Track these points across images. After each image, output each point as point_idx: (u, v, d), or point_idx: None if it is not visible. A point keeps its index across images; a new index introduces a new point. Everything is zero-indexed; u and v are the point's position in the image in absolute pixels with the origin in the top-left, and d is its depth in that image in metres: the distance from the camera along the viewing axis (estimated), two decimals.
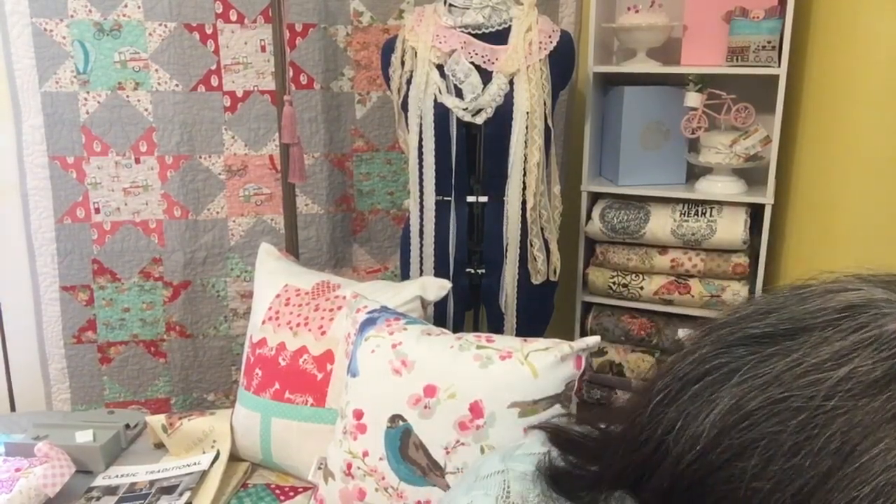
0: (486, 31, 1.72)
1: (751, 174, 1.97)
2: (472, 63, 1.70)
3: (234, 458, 1.65)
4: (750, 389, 0.39)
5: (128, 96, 2.07)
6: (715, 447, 0.39)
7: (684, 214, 1.94)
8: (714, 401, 0.40)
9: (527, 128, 1.69)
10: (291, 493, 1.56)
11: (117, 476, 1.62)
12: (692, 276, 1.97)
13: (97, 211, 2.12)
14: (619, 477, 0.44)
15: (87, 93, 2.05)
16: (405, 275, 1.90)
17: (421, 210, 1.80)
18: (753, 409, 0.38)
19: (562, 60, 1.76)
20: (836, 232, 1.66)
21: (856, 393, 0.36)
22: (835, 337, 0.39)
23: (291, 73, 2.06)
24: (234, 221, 2.19)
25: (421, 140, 1.74)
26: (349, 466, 1.37)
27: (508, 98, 1.69)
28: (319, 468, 1.45)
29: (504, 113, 1.69)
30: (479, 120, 1.71)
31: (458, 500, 0.56)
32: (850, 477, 0.35)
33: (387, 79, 1.84)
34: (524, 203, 1.75)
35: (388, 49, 1.81)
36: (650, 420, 0.43)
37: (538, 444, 0.54)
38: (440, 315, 1.82)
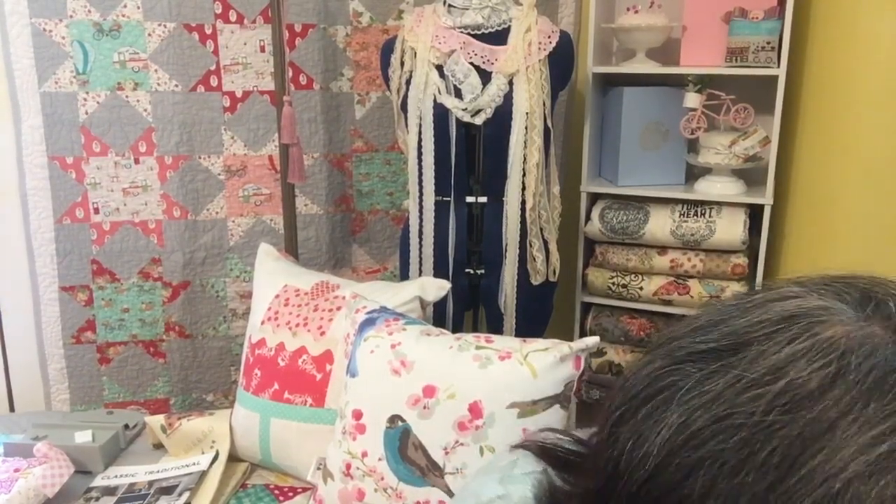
0: (486, 31, 1.72)
1: (750, 175, 1.97)
2: (471, 63, 1.70)
3: (234, 458, 1.65)
4: (696, 408, 0.39)
5: (127, 96, 2.06)
6: (665, 468, 0.39)
7: (683, 215, 1.94)
8: (662, 420, 0.40)
9: (526, 128, 1.69)
10: (290, 494, 1.56)
11: (116, 476, 1.62)
12: (691, 277, 1.97)
13: (96, 211, 2.12)
14: (599, 498, 0.44)
15: (87, 93, 2.05)
16: (404, 275, 1.90)
17: (420, 210, 1.80)
18: (699, 427, 0.38)
19: (561, 61, 1.76)
20: (835, 232, 1.66)
21: (793, 406, 0.36)
22: (771, 350, 0.39)
23: (291, 74, 2.06)
24: (233, 222, 2.19)
25: (420, 140, 1.74)
26: (348, 467, 1.37)
27: (508, 98, 1.69)
28: (318, 468, 1.45)
29: (503, 113, 1.70)
30: (479, 120, 1.71)
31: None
32: (791, 490, 0.35)
33: (386, 79, 1.84)
34: (523, 203, 1.75)
35: (387, 49, 1.81)
36: (607, 440, 0.43)
37: (533, 460, 0.54)
38: (439, 315, 1.82)
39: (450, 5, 1.73)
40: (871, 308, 0.40)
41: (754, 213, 1.94)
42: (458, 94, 1.71)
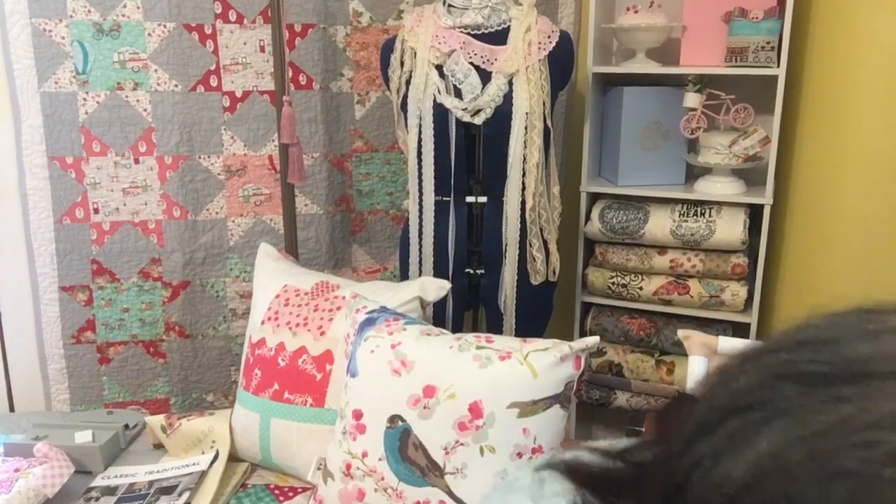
0: (486, 31, 1.72)
1: (750, 174, 1.97)
2: (471, 63, 1.70)
3: (234, 458, 1.65)
4: (795, 437, 0.34)
5: (127, 96, 2.06)
6: (744, 493, 0.35)
7: (683, 215, 1.94)
8: (752, 441, 0.35)
9: (526, 128, 1.69)
10: (291, 494, 1.56)
11: (116, 476, 1.62)
12: (691, 277, 1.97)
13: (96, 211, 2.12)
14: None
15: (87, 93, 2.05)
16: (404, 275, 1.90)
17: (420, 210, 1.80)
18: (796, 460, 0.33)
19: (561, 61, 1.76)
20: (835, 232, 1.66)
21: None
22: (888, 384, 0.34)
23: (291, 74, 2.06)
24: (233, 222, 2.19)
25: (420, 140, 1.74)
26: (348, 467, 1.37)
27: (508, 98, 1.69)
28: (319, 468, 1.45)
29: (503, 113, 1.70)
30: (479, 120, 1.71)
31: None
32: None
33: (386, 79, 1.84)
34: (523, 203, 1.75)
35: (387, 49, 1.81)
36: (680, 455, 0.38)
37: (560, 478, 0.49)
38: (439, 315, 1.82)
39: (450, 5, 1.73)
40: None
41: (754, 212, 1.94)
42: (458, 94, 1.71)
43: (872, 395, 0.33)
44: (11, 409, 2.21)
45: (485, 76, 1.70)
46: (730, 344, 1.32)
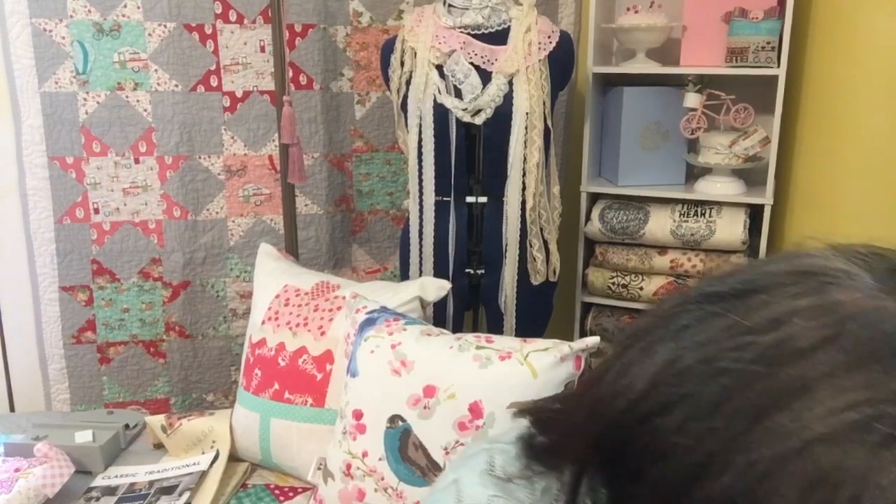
0: (486, 31, 1.72)
1: (750, 175, 1.97)
2: (471, 63, 1.70)
3: (234, 458, 1.65)
4: (688, 346, 0.39)
5: (127, 96, 2.06)
6: (646, 399, 0.39)
7: (684, 215, 1.94)
8: (654, 354, 0.40)
9: (526, 128, 1.69)
10: (291, 494, 1.56)
11: (116, 476, 1.62)
12: (692, 277, 1.97)
13: (96, 211, 2.12)
14: (583, 440, 0.44)
15: (87, 93, 2.05)
16: (404, 275, 1.90)
17: (420, 210, 1.80)
18: (686, 365, 0.38)
19: (561, 61, 1.76)
20: (835, 232, 1.66)
21: (779, 360, 0.36)
22: (775, 301, 0.38)
23: (291, 74, 2.06)
24: (233, 222, 2.19)
25: (420, 140, 1.74)
26: (349, 467, 1.37)
27: (508, 98, 1.69)
28: (319, 468, 1.45)
29: (503, 113, 1.70)
30: (479, 120, 1.71)
31: (447, 477, 0.56)
32: (753, 441, 0.34)
33: (386, 79, 1.84)
34: (523, 203, 1.75)
35: (387, 49, 1.81)
36: (599, 372, 0.43)
37: (525, 425, 0.55)
38: (439, 315, 1.82)
39: (450, 5, 1.73)
40: (894, 282, 0.38)
41: (754, 213, 1.94)
42: (458, 94, 1.71)
43: (752, 306, 0.39)
44: (11, 409, 2.21)
45: (485, 76, 1.70)
46: None
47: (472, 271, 1.84)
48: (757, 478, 0.34)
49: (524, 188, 1.74)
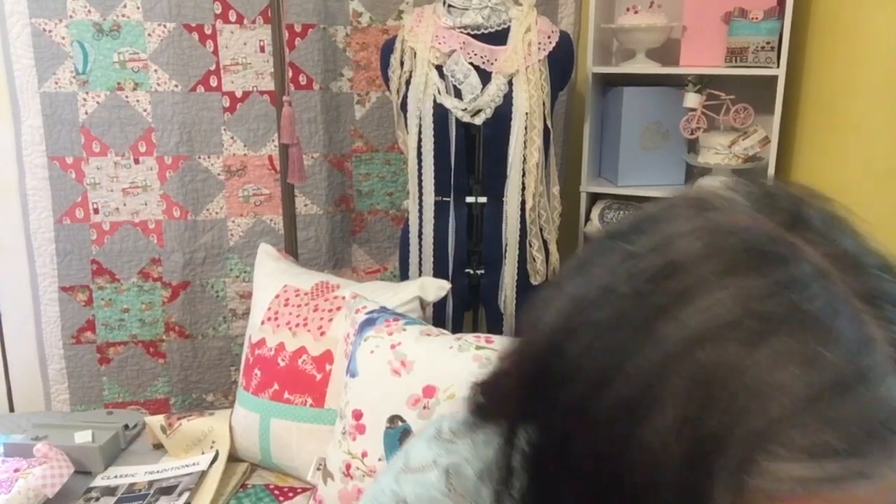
0: (486, 31, 1.72)
1: (750, 175, 1.97)
2: (471, 64, 1.70)
3: (234, 458, 1.65)
4: (590, 279, 0.43)
5: (127, 97, 2.06)
6: (557, 331, 0.43)
7: None
8: (565, 289, 0.44)
9: (526, 128, 1.69)
10: (290, 494, 1.56)
11: (116, 476, 1.62)
12: None
13: (96, 211, 2.12)
14: (515, 383, 0.48)
15: (87, 93, 2.05)
16: (404, 275, 1.90)
17: (420, 210, 1.80)
18: (589, 297, 0.42)
19: (561, 61, 1.76)
20: None
21: (666, 277, 0.40)
22: (664, 227, 0.42)
23: (290, 74, 2.06)
24: (233, 222, 2.19)
25: (420, 141, 1.74)
26: (348, 467, 1.37)
27: (507, 99, 1.69)
28: (318, 469, 1.45)
29: (503, 113, 1.70)
30: (479, 120, 1.71)
31: (401, 449, 0.61)
32: (646, 354, 0.38)
33: (386, 79, 1.84)
34: (523, 203, 1.75)
35: (387, 50, 1.81)
36: (528, 322, 0.47)
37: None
38: (439, 315, 1.82)
39: (449, 5, 1.73)
40: (769, 204, 0.43)
41: None
42: (458, 94, 1.71)
43: (644, 234, 0.43)
44: (11, 409, 2.21)
45: (485, 76, 1.70)
46: None
47: (471, 271, 1.84)
48: (648, 382, 0.38)
49: (524, 188, 1.74)
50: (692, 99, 1.89)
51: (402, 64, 1.77)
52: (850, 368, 0.36)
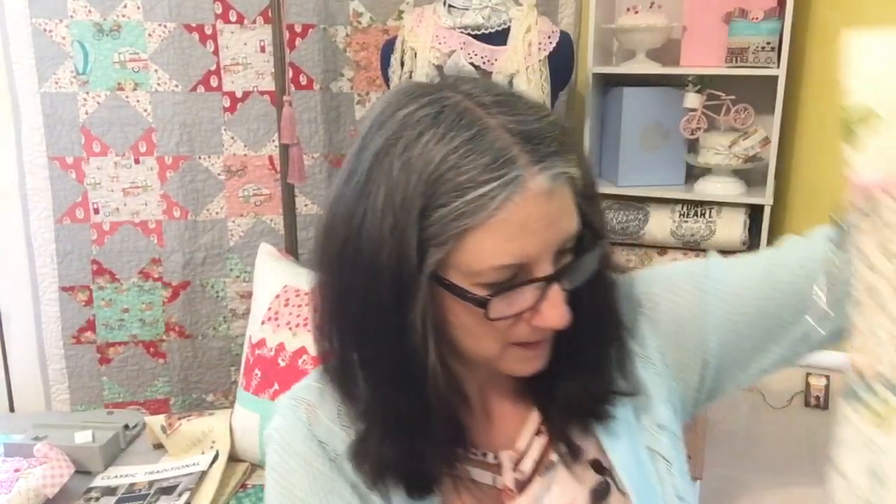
0: (486, 31, 1.72)
1: (750, 175, 1.97)
2: (471, 64, 1.70)
3: (234, 458, 1.65)
4: (361, 167, 0.63)
5: (127, 97, 2.07)
6: (362, 222, 0.61)
7: (683, 215, 1.94)
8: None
9: None
10: None
11: (116, 476, 1.62)
12: None
13: (96, 211, 2.12)
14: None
15: (87, 93, 2.05)
16: None
17: None
18: (366, 168, 0.61)
19: (561, 61, 1.76)
20: None
21: (407, 140, 0.59)
22: (412, 111, 0.61)
23: (291, 74, 2.06)
24: (233, 222, 2.19)
25: None
26: None
27: None
28: None
29: None
30: None
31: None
32: (363, 164, 0.61)
33: (386, 79, 1.84)
34: None
35: (387, 50, 1.81)
36: None
37: None
38: None
39: (450, 5, 1.73)
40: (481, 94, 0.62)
41: (754, 213, 1.93)
42: None
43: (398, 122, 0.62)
44: (11, 409, 2.21)
45: (485, 77, 1.70)
46: None
47: None
48: (369, 176, 0.60)
49: None
50: (692, 99, 1.89)
51: (402, 64, 1.77)
52: (467, 134, 0.58)
